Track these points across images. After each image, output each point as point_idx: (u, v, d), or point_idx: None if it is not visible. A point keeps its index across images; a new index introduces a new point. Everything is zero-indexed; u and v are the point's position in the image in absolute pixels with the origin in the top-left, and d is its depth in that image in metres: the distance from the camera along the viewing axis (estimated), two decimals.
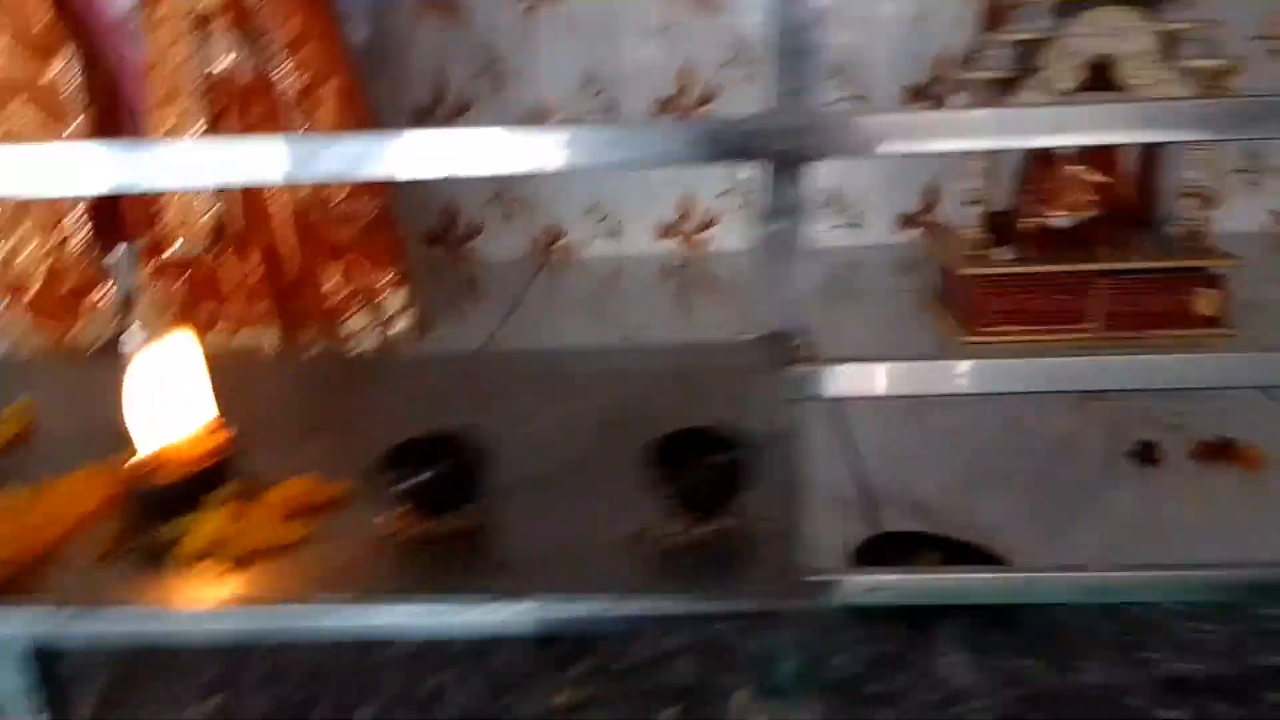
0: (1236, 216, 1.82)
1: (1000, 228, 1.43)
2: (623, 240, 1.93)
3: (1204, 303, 1.29)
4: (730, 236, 1.91)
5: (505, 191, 1.92)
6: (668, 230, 1.93)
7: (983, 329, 1.34)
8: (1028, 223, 1.39)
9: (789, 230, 0.63)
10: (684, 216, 1.92)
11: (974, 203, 1.36)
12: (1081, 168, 1.36)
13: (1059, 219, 1.37)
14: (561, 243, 1.95)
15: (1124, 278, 1.30)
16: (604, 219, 1.93)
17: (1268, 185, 1.80)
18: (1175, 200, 1.34)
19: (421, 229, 1.94)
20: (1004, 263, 1.32)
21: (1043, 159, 1.38)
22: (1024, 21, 1.29)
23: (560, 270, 1.90)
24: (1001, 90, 1.31)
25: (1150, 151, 1.41)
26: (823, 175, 1.84)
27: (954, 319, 1.39)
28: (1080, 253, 1.31)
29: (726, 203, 1.90)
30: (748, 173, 1.88)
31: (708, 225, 1.92)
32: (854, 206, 1.88)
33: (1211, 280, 1.28)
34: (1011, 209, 1.42)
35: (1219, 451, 0.94)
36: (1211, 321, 1.29)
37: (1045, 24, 1.27)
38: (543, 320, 1.62)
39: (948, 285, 1.45)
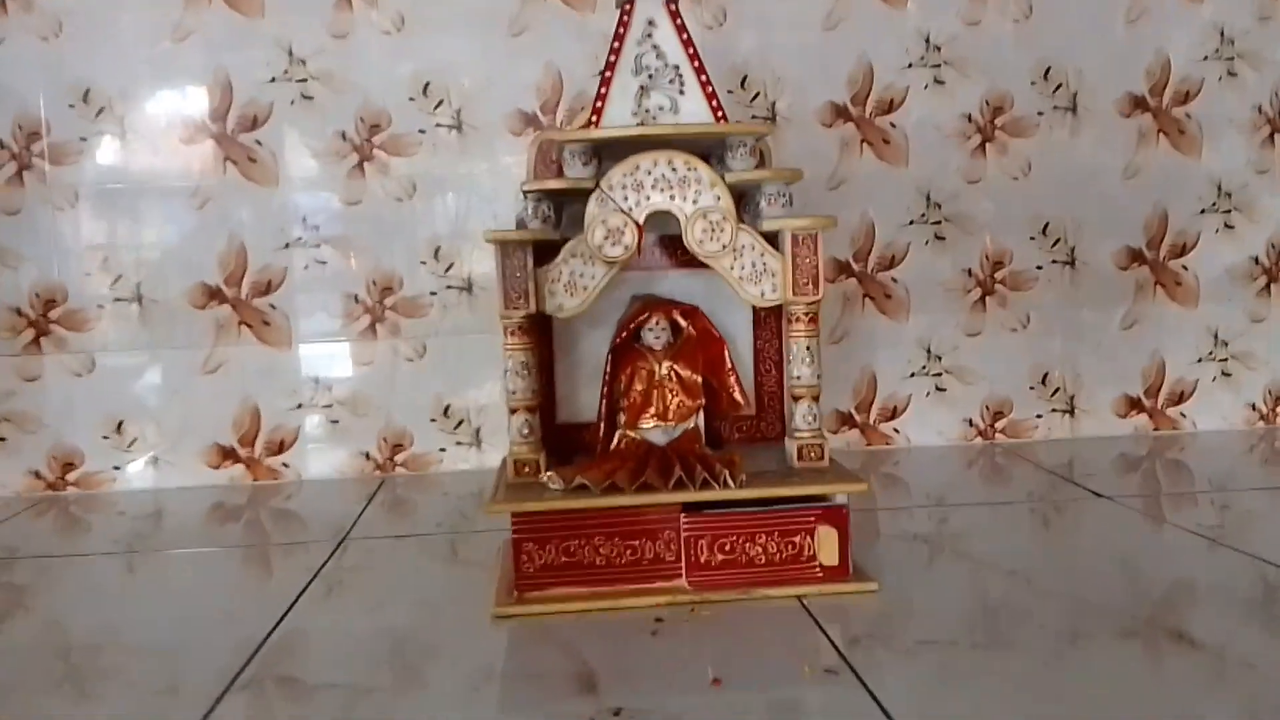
0: (924, 428, 1.54)
1: (568, 445, 1.04)
2: None
3: (824, 546, 0.91)
4: (316, 458, 1.47)
5: None
6: None
7: (525, 594, 0.91)
8: (607, 438, 1.02)
9: None
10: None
11: (517, 409, 0.97)
12: (674, 365, 1.01)
13: (647, 432, 1.00)
14: (78, 472, 1.44)
15: (716, 514, 0.92)
16: (136, 441, 1.44)
17: (954, 391, 1.53)
18: (793, 407, 1.00)
19: None
20: (553, 496, 0.92)
21: (624, 350, 1.02)
22: (565, 168, 0.96)
23: None
24: (549, 254, 0.96)
25: (765, 347, 1.09)
26: None
27: (509, 575, 0.96)
28: (664, 479, 0.92)
29: (310, 414, 1.46)
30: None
31: (281, 446, 1.46)
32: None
33: (833, 514, 0.92)
34: (599, 418, 1.04)
35: None
36: (834, 573, 0.92)
37: (584, 171, 0.95)
38: None
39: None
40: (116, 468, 1.44)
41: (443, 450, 1.48)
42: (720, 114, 0.96)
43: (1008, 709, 0.69)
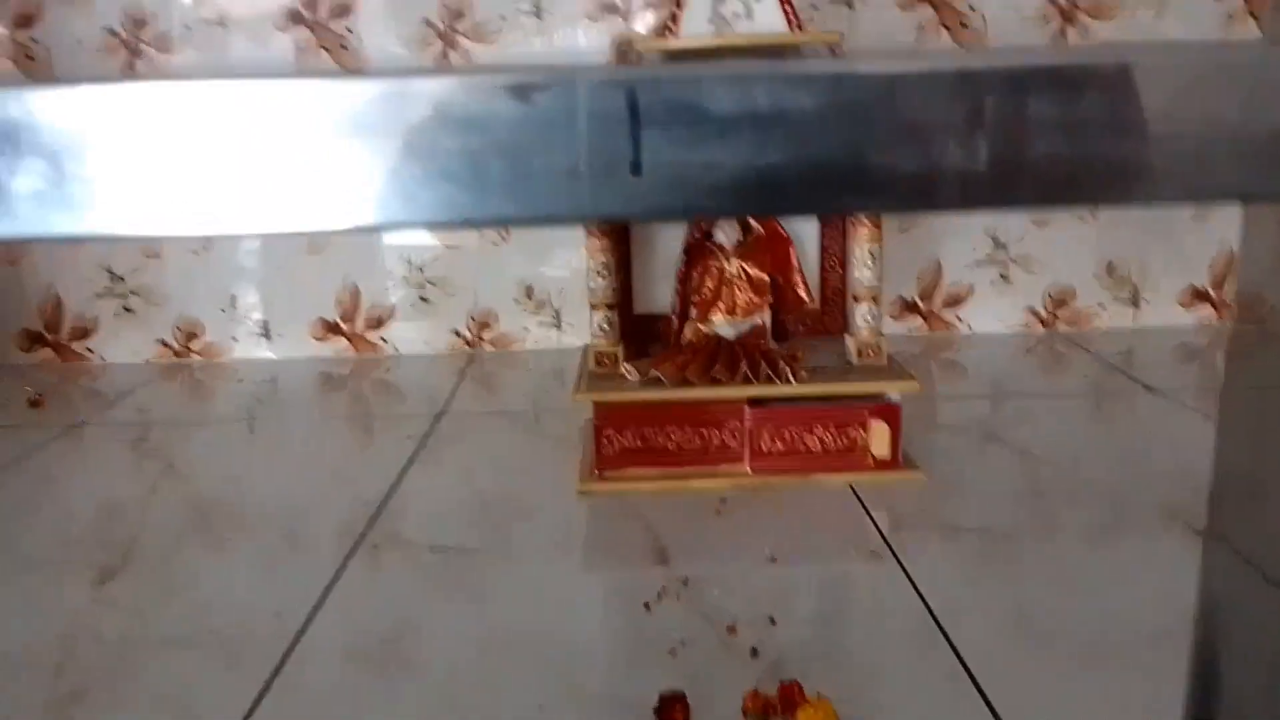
0: (986, 316, 1.58)
1: (644, 334, 1.13)
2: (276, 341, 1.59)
3: (876, 439, 1.00)
4: (410, 334, 1.59)
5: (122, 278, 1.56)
6: (331, 327, 1.59)
7: (607, 471, 1.02)
8: (680, 331, 1.10)
9: None
10: (351, 309, 1.58)
11: (598, 306, 1.06)
12: (743, 263, 1.08)
13: (717, 326, 1.09)
14: (200, 342, 1.60)
15: (777, 406, 1.01)
16: (250, 314, 1.58)
17: (1018, 279, 1.57)
18: (854, 307, 1.06)
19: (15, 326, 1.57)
20: (631, 386, 1.02)
21: (697, 249, 1.09)
22: None
23: (199, 380, 1.54)
24: None
25: (830, 245, 1.14)
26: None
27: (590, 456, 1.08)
28: (731, 373, 1.01)
29: (403, 293, 1.58)
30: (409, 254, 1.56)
31: (379, 322, 1.59)
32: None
33: (886, 410, 1.00)
34: (672, 312, 1.13)
35: (775, 708, 0.62)
36: (885, 463, 1.01)
37: None
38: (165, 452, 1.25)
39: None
40: (234, 339, 1.59)
41: (526, 329, 1.59)
42: (795, 21, 0.99)
43: (1036, 593, 0.79)
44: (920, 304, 1.57)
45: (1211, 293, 1.58)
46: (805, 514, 0.94)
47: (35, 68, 1.46)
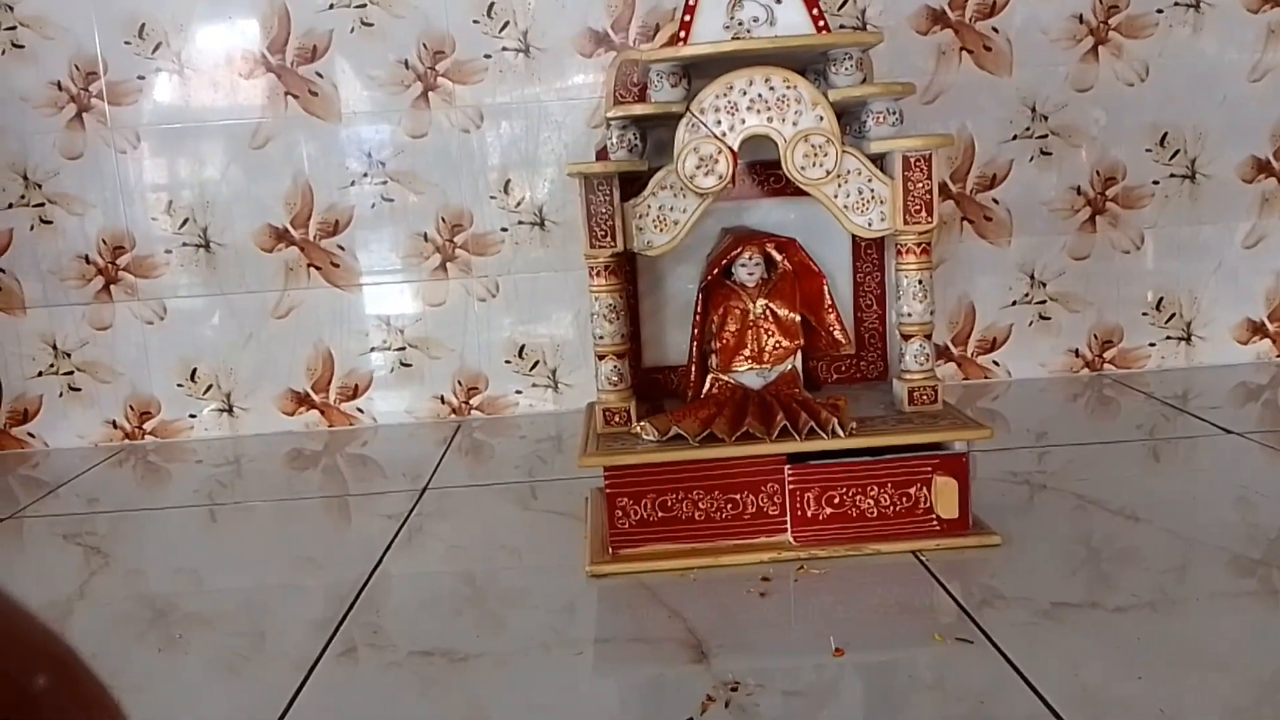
0: (1026, 360, 1.44)
1: (655, 390, 0.98)
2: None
3: (941, 497, 0.84)
4: (390, 402, 1.43)
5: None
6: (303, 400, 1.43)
7: (623, 549, 0.86)
8: (698, 383, 0.95)
9: None
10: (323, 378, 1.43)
11: (605, 355, 0.91)
12: (770, 303, 0.94)
13: (741, 375, 0.94)
14: (155, 421, 1.43)
15: (823, 464, 0.85)
16: (211, 388, 1.42)
17: (1059, 319, 1.43)
18: (900, 344, 0.92)
19: None
20: (648, 447, 0.86)
21: (715, 289, 0.95)
22: (651, 90, 0.88)
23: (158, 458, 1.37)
24: (634, 187, 0.88)
25: (865, 280, 1.00)
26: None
27: (602, 531, 0.91)
28: (766, 427, 0.85)
29: (382, 357, 1.43)
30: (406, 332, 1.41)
31: (356, 390, 1.43)
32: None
33: (953, 463, 0.85)
34: (690, 361, 0.98)
35: None
36: (953, 526, 0.85)
37: (673, 94, 0.86)
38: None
39: None
40: (192, 415, 1.43)
41: (519, 392, 1.43)
42: (822, 23, 0.86)
43: (1172, 678, 0.63)
44: (953, 349, 1.43)
45: (1269, 325, 1.45)
46: (868, 591, 0.78)
47: None
